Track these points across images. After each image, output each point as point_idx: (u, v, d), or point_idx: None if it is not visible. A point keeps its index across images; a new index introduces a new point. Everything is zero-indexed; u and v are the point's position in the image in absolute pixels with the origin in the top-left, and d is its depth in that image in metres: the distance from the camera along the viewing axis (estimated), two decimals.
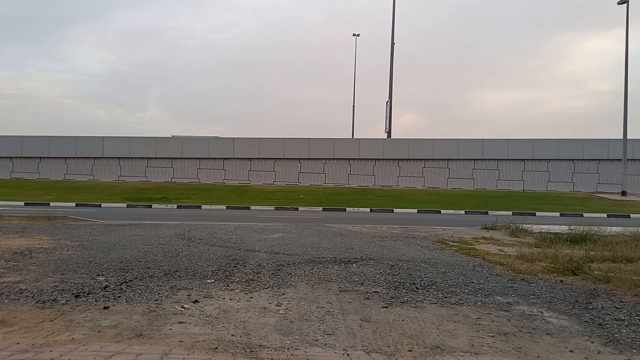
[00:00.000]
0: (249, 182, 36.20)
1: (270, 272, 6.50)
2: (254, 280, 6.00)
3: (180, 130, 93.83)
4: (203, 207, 23.36)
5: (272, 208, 23.48)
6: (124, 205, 23.12)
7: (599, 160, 36.36)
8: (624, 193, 31.00)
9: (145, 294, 5.24)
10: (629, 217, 22.51)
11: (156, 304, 4.87)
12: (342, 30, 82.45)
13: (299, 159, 37.00)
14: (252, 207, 23.48)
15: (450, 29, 73.86)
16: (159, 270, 6.52)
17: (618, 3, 30.95)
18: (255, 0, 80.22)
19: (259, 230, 11.95)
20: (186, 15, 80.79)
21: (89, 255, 7.73)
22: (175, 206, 23.43)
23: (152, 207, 23.09)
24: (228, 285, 5.74)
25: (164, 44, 76.91)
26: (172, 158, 36.79)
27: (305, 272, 6.58)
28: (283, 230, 12.09)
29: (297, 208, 23.63)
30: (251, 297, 5.19)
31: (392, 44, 38.84)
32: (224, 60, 75.68)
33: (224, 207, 23.43)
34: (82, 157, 36.52)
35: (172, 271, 6.50)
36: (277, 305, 4.87)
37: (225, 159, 36.77)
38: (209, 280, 6.00)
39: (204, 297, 5.17)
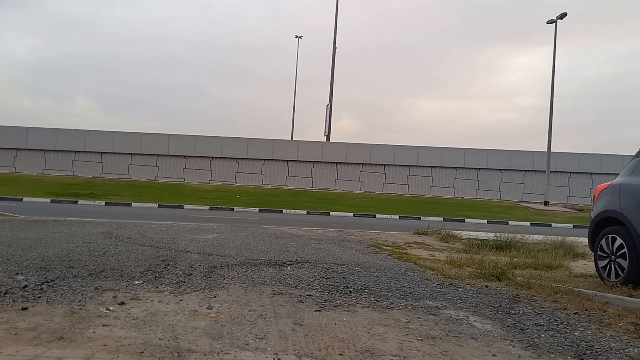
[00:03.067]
0: (183, 180, 35.43)
1: (202, 274, 6.36)
2: (184, 282, 5.85)
3: (112, 124, 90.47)
4: (133, 204, 22.63)
5: (207, 208, 23.08)
6: (48, 200, 22.02)
7: (525, 171, 38.29)
8: (546, 203, 32.75)
9: (68, 295, 4.98)
10: (550, 225, 23.82)
11: (79, 305, 4.64)
12: (283, 31, 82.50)
13: (237, 158, 36.60)
14: (186, 206, 22.98)
15: (389, 36, 75.66)
16: (84, 270, 6.23)
17: (547, 22, 32.70)
18: None
19: (192, 230, 11.69)
20: (122, 5, 78.14)
21: (7, 252, 7.27)
22: (103, 203, 22.56)
23: (79, 203, 22.13)
24: (157, 287, 5.56)
25: (98, 34, 74.07)
26: (101, 152, 35.45)
27: (238, 274, 6.48)
28: (217, 230, 11.88)
29: (233, 208, 23.36)
30: (181, 300, 5.05)
31: (334, 48, 39.23)
32: (161, 55, 73.83)
33: (156, 205, 22.79)
34: (3, 148, 34.48)
35: (98, 271, 6.23)
36: (208, 308, 4.77)
37: (159, 155, 35.82)
38: (137, 282, 5.78)
39: (131, 299, 4.97)
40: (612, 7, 73.13)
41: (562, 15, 31.78)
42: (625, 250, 6.03)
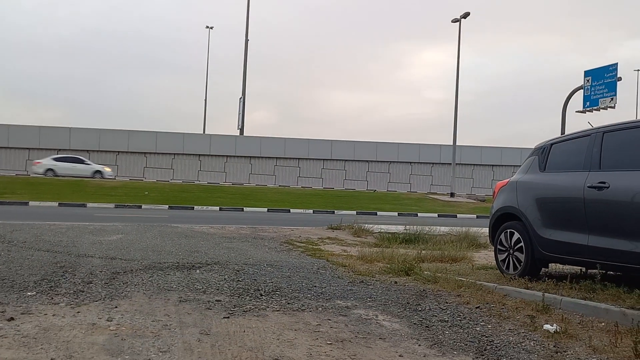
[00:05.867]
0: None
1: (103, 282, 5.98)
2: (83, 292, 5.46)
3: (8, 116, 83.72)
4: (31, 203, 21.10)
5: (113, 206, 21.98)
6: None
7: (432, 163, 39.94)
8: (452, 194, 34.34)
9: None
10: (456, 216, 25.01)
11: None
12: (193, 22, 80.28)
13: (145, 152, 35.21)
14: (89, 205, 21.75)
15: (302, 30, 76.05)
16: None
17: (452, 21, 34.19)
18: None
19: (94, 231, 11.03)
20: None
21: None
22: None
23: None
24: (52, 299, 5.15)
25: None
26: None
27: (143, 280, 6.17)
28: (123, 231, 11.31)
29: (141, 206, 22.41)
30: (78, 312, 4.71)
31: (247, 40, 38.69)
32: (59, 41, 68.99)
33: (56, 204, 21.39)
34: None
35: None
36: (107, 320, 4.48)
37: (60, 150, 33.61)
38: (29, 293, 5.33)
39: (22, 314, 4.57)
40: (515, 7, 78.03)
41: (465, 15, 33.38)
42: (522, 244, 6.39)
